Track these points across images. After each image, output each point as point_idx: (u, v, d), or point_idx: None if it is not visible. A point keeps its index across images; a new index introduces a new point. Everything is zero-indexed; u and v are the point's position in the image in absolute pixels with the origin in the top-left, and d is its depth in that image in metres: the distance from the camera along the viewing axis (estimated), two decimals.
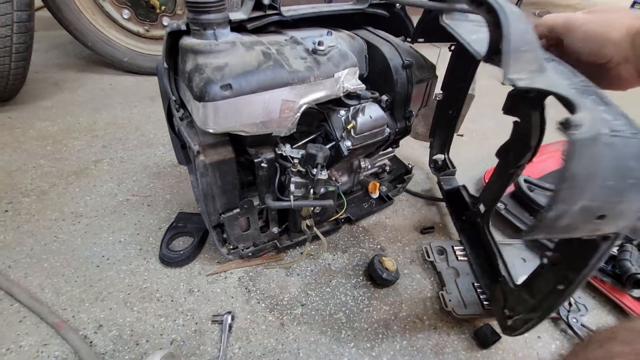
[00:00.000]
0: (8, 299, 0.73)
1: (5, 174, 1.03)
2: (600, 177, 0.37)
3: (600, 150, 0.37)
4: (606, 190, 0.38)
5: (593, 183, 0.38)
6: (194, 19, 0.53)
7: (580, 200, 0.38)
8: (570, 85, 0.44)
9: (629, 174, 0.38)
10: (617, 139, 0.37)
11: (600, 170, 0.37)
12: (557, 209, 0.38)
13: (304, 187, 0.68)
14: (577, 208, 0.39)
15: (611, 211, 0.39)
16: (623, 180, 0.38)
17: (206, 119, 0.53)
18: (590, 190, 0.38)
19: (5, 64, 1.13)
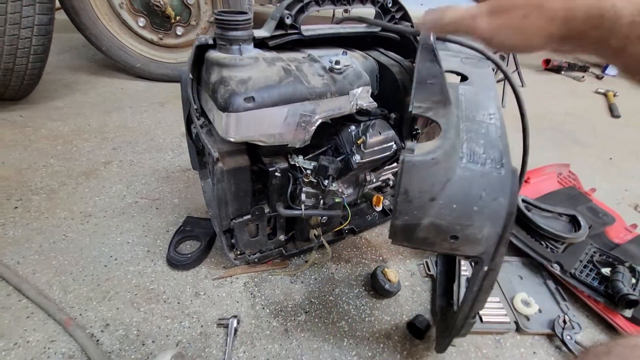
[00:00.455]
0: (16, 294, 0.74)
1: (16, 171, 1.04)
2: (443, 199, 0.43)
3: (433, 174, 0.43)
4: (452, 212, 0.43)
5: (433, 202, 0.43)
6: (221, 35, 0.57)
7: (424, 216, 0.44)
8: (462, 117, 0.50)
9: (475, 201, 0.43)
10: (471, 170, 0.43)
11: (443, 192, 0.43)
12: (400, 218, 0.45)
13: (314, 197, 0.71)
14: (427, 223, 0.44)
15: (462, 232, 0.44)
16: (469, 205, 0.43)
17: (228, 128, 0.56)
18: (433, 208, 0.43)
19: (23, 64, 1.16)
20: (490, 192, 0.42)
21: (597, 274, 0.83)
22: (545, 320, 0.76)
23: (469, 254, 0.47)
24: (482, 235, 0.43)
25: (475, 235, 0.44)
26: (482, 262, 0.46)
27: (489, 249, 0.45)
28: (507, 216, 0.42)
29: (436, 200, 0.43)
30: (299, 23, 0.65)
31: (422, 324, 0.73)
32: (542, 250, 0.87)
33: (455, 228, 0.43)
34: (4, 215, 0.90)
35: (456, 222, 0.43)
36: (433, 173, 0.43)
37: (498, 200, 0.42)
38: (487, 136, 0.48)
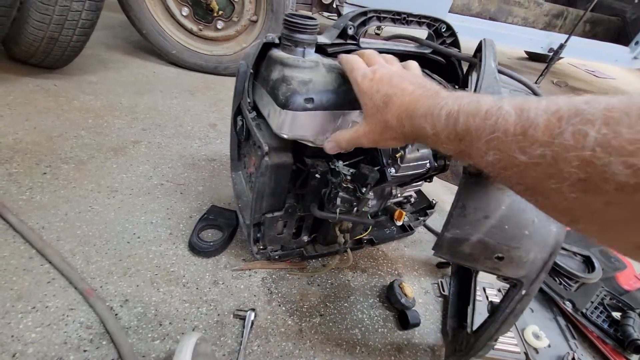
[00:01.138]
0: (39, 258, 0.74)
1: (47, 138, 1.06)
2: (497, 219, 0.44)
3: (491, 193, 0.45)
4: (502, 233, 0.45)
5: (486, 220, 0.45)
6: (288, 36, 0.59)
7: (476, 232, 0.45)
8: None
9: (527, 225, 0.44)
10: None
11: (497, 212, 0.44)
12: (451, 231, 0.46)
13: (347, 202, 0.72)
14: (475, 239, 0.46)
15: (508, 254, 0.45)
16: (519, 228, 0.44)
17: (283, 125, 0.58)
18: (484, 226, 0.45)
19: (69, 35, 1.19)
20: (542, 219, 0.44)
21: (608, 317, 0.84)
22: (554, 355, 0.77)
23: (509, 276, 0.48)
24: (528, 259, 0.45)
25: (521, 259, 0.45)
26: (521, 286, 0.48)
27: (531, 274, 0.46)
28: (555, 244, 0.44)
29: (489, 219, 0.44)
30: (359, 35, 0.68)
31: (415, 319, 0.76)
32: (555, 287, 0.89)
33: (503, 248, 0.45)
34: (32, 180, 0.91)
35: (504, 243, 0.45)
36: (491, 192, 0.44)
37: (549, 227, 0.44)
38: None
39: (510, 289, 0.52)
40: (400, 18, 0.72)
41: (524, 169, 0.25)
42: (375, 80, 0.47)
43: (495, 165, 0.27)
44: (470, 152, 0.29)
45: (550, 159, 0.23)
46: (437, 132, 0.33)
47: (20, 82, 1.27)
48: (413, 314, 0.77)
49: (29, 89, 1.25)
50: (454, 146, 0.31)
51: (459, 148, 0.31)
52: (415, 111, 0.37)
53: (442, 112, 0.32)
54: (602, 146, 0.20)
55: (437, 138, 0.33)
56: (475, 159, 0.29)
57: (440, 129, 0.32)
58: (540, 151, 0.23)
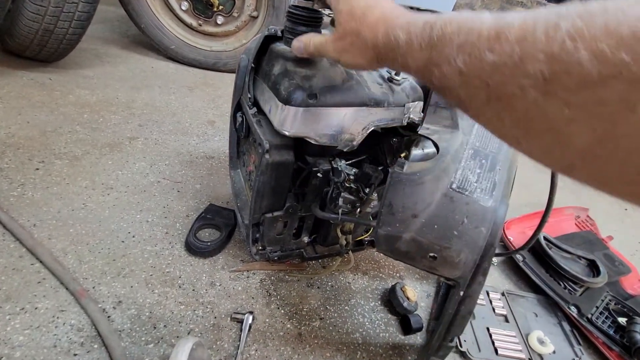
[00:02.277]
0: (29, 257, 0.72)
1: (40, 133, 1.03)
2: (426, 218, 0.46)
3: (418, 192, 0.46)
4: (433, 232, 0.46)
5: (415, 219, 0.46)
6: (291, 29, 0.57)
7: (406, 230, 0.47)
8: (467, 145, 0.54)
9: (455, 225, 0.45)
10: (459, 195, 0.46)
11: (426, 211, 0.46)
12: (383, 228, 0.48)
13: (350, 203, 0.70)
14: (408, 237, 0.47)
15: (440, 253, 0.47)
16: (449, 228, 0.45)
17: (284, 121, 0.56)
18: (414, 225, 0.46)
19: (64, 28, 1.16)
20: (472, 220, 0.44)
21: (613, 322, 0.82)
22: None
23: (447, 276, 0.49)
24: (460, 260, 0.45)
25: (453, 259, 0.46)
26: (458, 287, 0.48)
27: (466, 274, 0.47)
28: (486, 246, 0.44)
29: (418, 218, 0.45)
30: None
31: (417, 324, 0.75)
32: (560, 291, 0.87)
33: (435, 247, 0.46)
34: (24, 175, 0.88)
35: (435, 242, 0.46)
36: (417, 192, 0.46)
37: (479, 228, 0.44)
38: (485, 167, 0.50)
39: (451, 290, 0.52)
40: None
41: (489, 72, 0.25)
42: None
43: (460, 73, 0.27)
44: (438, 60, 0.29)
45: (517, 58, 0.23)
46: (410, 40, 0.32)
47: (14, 75, 1.24)
48: (415, 318, 0.75)
49: (23, 82, 1.22)
50: (424, 55, 0.31)
51: (428, 56, 0.31)
52: (393, 20, 0.37)
53: (419, 21, 0.32)
54: (571, 38, 0.20)
55: (409, 47, 0.33)
56: (442, 67, 0.29)
57: (414, 37, 0.32)
58: (509, 49, 0.23)
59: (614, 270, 0.99)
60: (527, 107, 0.24)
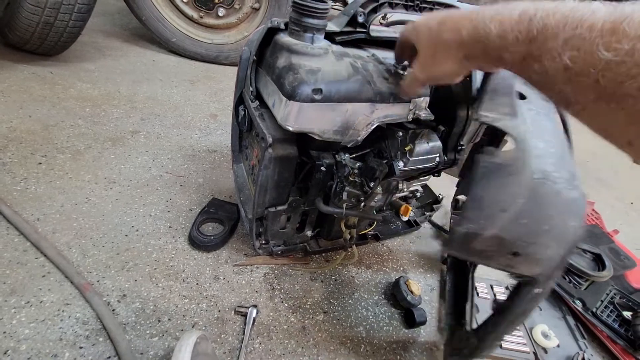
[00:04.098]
0: (34, 251, 0.72)
1: (42, 127, 1.03)
2: (514, 212, 0.41)
3: (509, 184, 0.41)
4: (519, 227, 0.41)
5: (503, 214, 0.41)
6: (297, 20, 0.56)
7: (490, 227, 0.42)
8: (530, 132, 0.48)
9: (546, 220, 0.41)
10: (545, 186, 0.41)
11: (515, 205, 0.41)
12: (466, 226, 0.42)
13: (354, 197, 0.69)
14: (489, 235, 0.42)
15: (524, 250, 0.42)
16: (538, 223, 0.41)
17: (288, 117, 0.55)
18: (500, 220, 0.41)
19: (64, 20, 1.15)
20: (561, 213, 0.41)
21: (618, 316, 0.82)
22: (563, 356, 0.75)
23: (525, 274, 0.45)
24: (544, 256, 0.42)
25: (537, 255, 0.42)
26: (536, 284, 0.45)
27: (547, 270, 0.44)
28: (573, 240, 0.41)
29: (506, 213, 0.41)
30: (369, 23, 0.64)
31: (421, 317, 0.75)
32: (565, 285, 0.86)
33: (519, 244, 0.42)
34: (27, 170, 0.88)
35: (521, 239, 0.42)
36: (509, 183, 0.41)
37: (567, 222, 0.41)
38: (555, 156, 0.46)
39: (523, 286, 0.49)
40: (413, 4, 0.68)
41: (602, 70, 0.23)
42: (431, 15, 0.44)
43: (566, 69, 0.25)
44: (540, 55, 0.27)
45: (638, 57, 0.21)
46: (504, 33, 0.30)
47: (15, 69, 1.23)
48: (419, 312, 0.75)
49: (24, 76, 1.21)
50: (523, 48, 0.29)
51: (527, 51, 0.28)
52: (478, 14, 0.34)
53: (514, 11, 0.30)
54: None
55: (503, 41, 0.30)
56: (546, 62, 0.27)
57: (509, 29, 0.30)
58: (629, 46, 0.21)
59: (619, 264, 0.99)
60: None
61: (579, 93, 0.25)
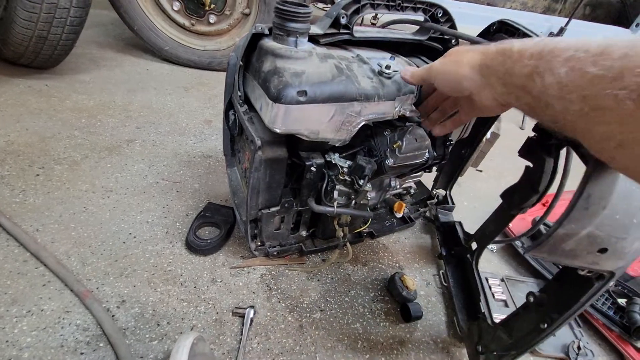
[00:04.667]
0: (34, 261, 0.73)
1: (40, 139, 1.04)
2: (611, 208, 0.40)
3: (616, 181, 0.41)
4: (613, 223, 0.41)
5: (603, 211, 0.40)
6: (280, 25, 0.57)
7: (588, 225, 0.41)
8: None
9: (635, 213, 0.41)
10: (629, 182, 0.40)
11: (611, 201, 0.40)
12: (566, 226, 0.41)
13: (345, 195, 0.71)
14: (585, 233, 0.41)
15: (613, 246, 0.42)
16: (629, 217, 0.41)
17: (275, 119, 0.56)
18: (598, 218, 0.41)
19: (58, 33, 1.16)
20: None
21: (613, 304, 0.83)
22: (558, 344, 0.76)
23: (607, 269, 0.44)
24: (631, 249, 0.42)
25: (624, 249, 0.42)
26: (613, 277, 0.45)
27: (627, 264, 0.43)
28: None
29: (606, 209, 0.40)
30: (352, 24, 0.66)
31: (417, 312, 0.76)
32: None
33: (611, 240, 0.41)
34: (25, 182, 0.90)
35: (613, 234, 0.41)
36: (612, 179, 0.40)
37: None
38: None
39: (597, 282, 0.48)
40: (394, 4, 0.69)
41: (587, 84, 0.28)
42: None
43: (560, 84, 0.31)
44: (543, 70, 0.33)
45: (616, 72, 0.26)
46: (523, 49, 0.36)
47: (11, 83, 1.25)
48: (415, 306, 0.76)
49: (20, 90, 1.23)
50: (532, 63, 0.34)
51: (535, 65, 0.34)
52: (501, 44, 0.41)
53: (533, 39, 0.38)
54: None
55: (520, 55, 0.36)
56: (545, 76, 0.33)
57: (527, 47, 0.36)
58: (610, 63, 0.27)
59: None
60: (622, 118, 0.26)
61: (568, 107, 0.31)
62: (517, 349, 0.58)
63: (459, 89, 0.48)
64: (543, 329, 0.54)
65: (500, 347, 0.62)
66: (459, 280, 0.86)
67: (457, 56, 0.48)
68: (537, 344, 0.56)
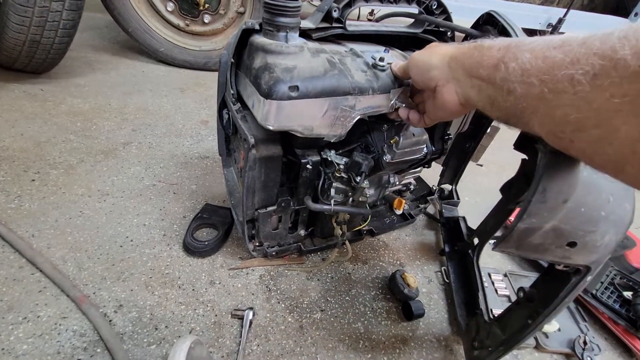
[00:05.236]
0: (29, 267, 0.73)
1: (35, 144, 1.03)
2: (574, 201, 0.40)
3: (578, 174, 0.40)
4: (579, 216, 0.40)
5: (564, 204, 0.40)
6: (269, 20, 0.56)
7: (551, 219, 0.40)
8: None
9: (603, 205, 0.40)
10: (597, 173, 0.40)
11: (575, 194, 0.40)
12: (527, 221, 0.41)
13: (342, 193, 0.69)
14: (549, 227, 0.41)
15: (582, 239, 0.41)
16: (596, 210, 0.40)
17: (268, 116, 0.55)
18: (561, 211, 0.40)
19: (50, 37, 1.15)
20: (617, 197, 0.40)
21: (619, 297, 0.81)
22: (564, 340, 0.75)
23: (580, 263, 0.44)
24: (602, 243, 0.41)
25: (595, 243, 0.41)
26: (589, 272, 0.44)
27: (602, 258, 0.42)
28: (629, 223, 0.40)
29: (567, 203, 0.39)
30: (345, 18, 0.64)
31: (418, 310, 0.75)
32: None
33: (578, 234, 0.41)
34: (20, 187, 0.89)
35: (580, 228, 0.40)
36: (572, 172, 0.39)
37: (624, 205, 0.40)
38: None
39: (572, 275, 0.48)
40: None
41: (546, 69, 0.30)
42: None
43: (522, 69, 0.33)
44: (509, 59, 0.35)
45: (573, 56, 0.28)
46: (492, 45, 0.38)
47: (6, 88, 1.25)
48: (417, 304, 0.75)
49: (15, 95, 1.23)
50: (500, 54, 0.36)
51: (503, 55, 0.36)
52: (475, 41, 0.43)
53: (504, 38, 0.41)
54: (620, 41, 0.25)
55: (489, 49, 0.39)
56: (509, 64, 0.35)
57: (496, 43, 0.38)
58: (568, 49, 0.29)
59: (619, 245, 0.97)
60: (577, 101, 0.28)
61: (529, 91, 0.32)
62: (508, 345, 0.57)
63: (427, 77, 0.49)
64: (529, 324, 0.53)
65: (494, 342, 0.61)
66: (460, 276, 0.85)
67: (433, 48, 0.50)
68: (524, 340, 0.55)
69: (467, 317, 0.74)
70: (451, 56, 0.45)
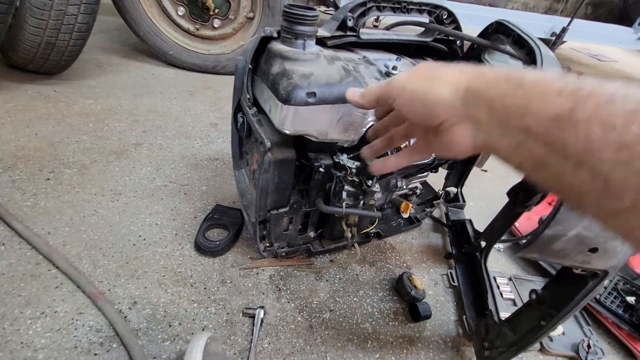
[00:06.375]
0: (46, 263, 0.74)
1: (49, 144, 1.06)
2: None
3: None
4: None
5: None
6: (288, 28, 0.58)
7: (576, 227, 0.42)
8: None
9: None
10: None
11: None
12: (553, 228, 0.42)
13: (353, 196, 0.71)
14: (573, 234, 0.42)
15: (603, 245, 0.42)
16: None
17: (285, 120, 0.57)
18: (586, 219, 0.41)
19: (65, 40, 1.18)
20: None
21: (622, 302, 0.83)
22: (568, 343, 0.76)
23: (599, 268, 0.45)
24: (622, 249, 0.43)
25: (616, 248, 0.43)
26: (606, 276, 0.46)
27: (620, 262, 0.44)
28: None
29: None
30: (359, 26, 0.67)
31: (426, 311, 0.76)
32: None
33: (600, 240, 0.42)
34: (36, 186, 0.91)
35: (602, 234, 0.42)
36: None
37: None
38: None
39: (592, 281, 0.49)
40: (400, 7, 0.70)
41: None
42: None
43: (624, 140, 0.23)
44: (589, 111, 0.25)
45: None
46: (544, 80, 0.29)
47: (20, 89, 1.27)
48: (424, 306, 0.77)
49: (29, 95, 1.25)
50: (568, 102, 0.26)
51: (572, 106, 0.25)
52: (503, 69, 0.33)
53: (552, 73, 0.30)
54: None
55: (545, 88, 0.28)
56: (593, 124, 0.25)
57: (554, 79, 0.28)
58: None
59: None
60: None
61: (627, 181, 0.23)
62: (519, 346, 0.59)
63: (429, 114, 0.35)
64: (542, 325, 0.55)
65: (504, 343, 0.62)
66: (468, 278, 0.86)
67: (430, 72, 0.36)
68: (537, 341, 0.57)
69: (476, 318, 0.75)
70: (468, 88, 0.32)
